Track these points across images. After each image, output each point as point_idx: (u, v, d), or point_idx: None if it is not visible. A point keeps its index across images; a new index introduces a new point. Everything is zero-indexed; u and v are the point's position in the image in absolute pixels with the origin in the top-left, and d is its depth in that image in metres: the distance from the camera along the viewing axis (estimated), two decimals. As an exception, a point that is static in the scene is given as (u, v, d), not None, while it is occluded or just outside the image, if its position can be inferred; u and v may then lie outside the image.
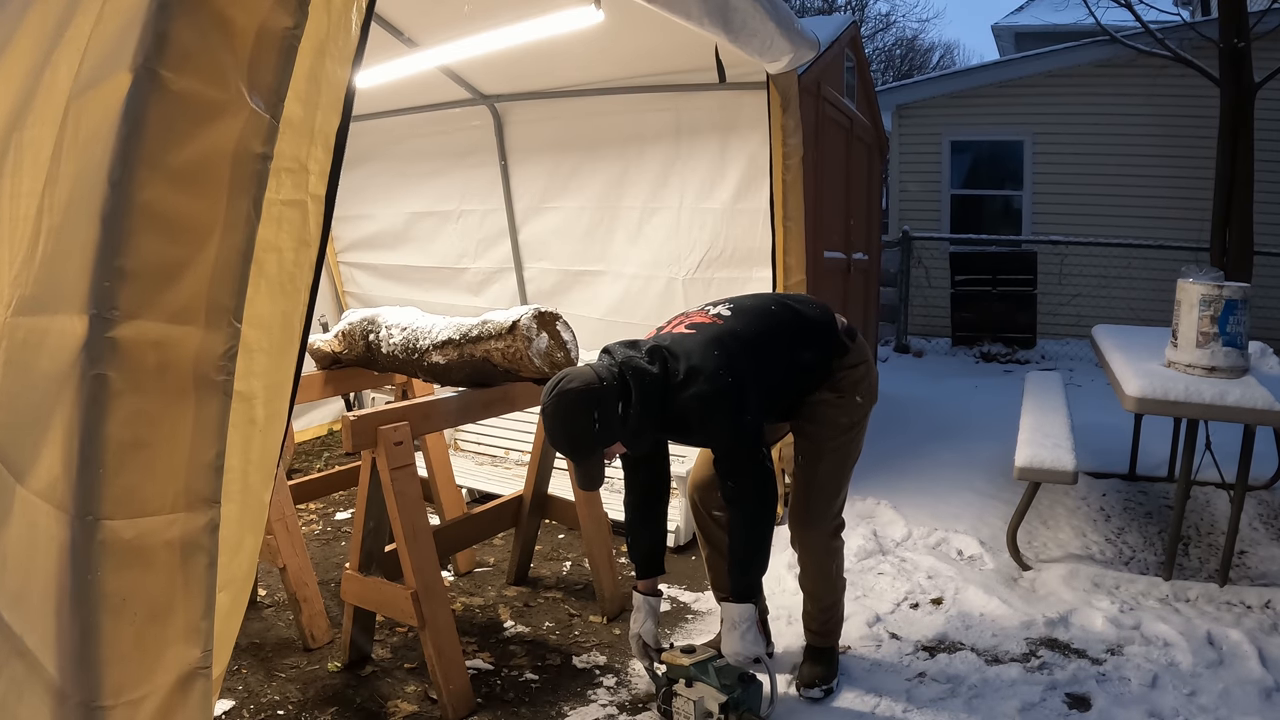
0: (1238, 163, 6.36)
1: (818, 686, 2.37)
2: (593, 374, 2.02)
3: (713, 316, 2.24)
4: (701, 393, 2.04)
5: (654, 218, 4.12)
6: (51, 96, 1.28)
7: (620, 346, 2.17)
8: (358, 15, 1.40)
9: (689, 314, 2.30)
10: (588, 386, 1.99)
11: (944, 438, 4.97)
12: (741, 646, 2.13)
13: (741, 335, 2.16)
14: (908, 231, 9.03)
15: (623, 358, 2.09)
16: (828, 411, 2.29)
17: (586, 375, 2.02)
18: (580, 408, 1.98)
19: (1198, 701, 2.32)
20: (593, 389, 1.99)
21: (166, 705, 1.17)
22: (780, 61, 3.29)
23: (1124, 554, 3.38)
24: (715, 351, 2.09)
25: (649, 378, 2.05)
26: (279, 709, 2.35)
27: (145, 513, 1.13)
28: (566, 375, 2.04)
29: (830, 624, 2.46)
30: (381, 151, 4.91)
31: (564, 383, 2.01)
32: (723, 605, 2.22)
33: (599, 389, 1.99)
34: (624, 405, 2.02)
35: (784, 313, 2.30)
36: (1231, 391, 2.86)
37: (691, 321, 2.23)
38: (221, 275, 1.18)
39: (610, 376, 2.02)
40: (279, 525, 2.65)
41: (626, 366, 2.06)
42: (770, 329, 2.23)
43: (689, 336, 2.15)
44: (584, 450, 2.03)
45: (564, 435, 2.03)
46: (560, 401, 1.99)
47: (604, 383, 2.00)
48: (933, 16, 44.49)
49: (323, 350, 3.11)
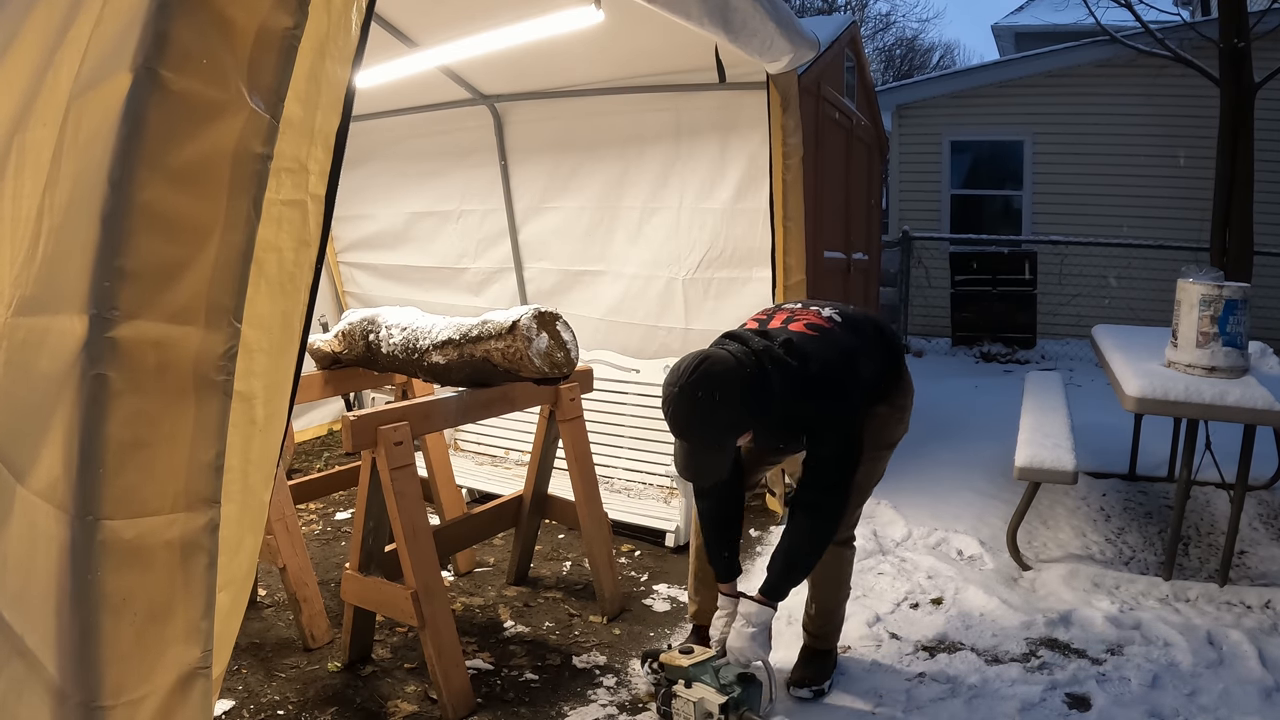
0: (1238, 163, 6.36)
1: (807, 687, 2.37)
2: (732, 358, 1.91)
3: (826, 320, 2.19)
4: (833, 406, 2.00)
5: (654, 218, 4.12)
6: (53, 97, 1.28)
7: (752, 334, 2.07)
8: (358, 15, 1.40)
9: (795, 311, 2.24)
10: (734, 370, 1.88)
11: (944, 438, 4.97)
12: (749, 646, 2.12)
13: (857, 349, 2.15)
14: (908, 231, 9.04)
15: (760, 346, 1.99)
16: (880, 424, 2.30)
17: (728, 360, 1.91)
18: (728, 392, 1.86)
19: (1198, 701, 2.32)
20: (740, 374, 1.88)
21: (166, 705, 1.17)
22: (780, 61, 3.30)
23: (1124, 554, 3.38)
24: (845, 361, 2.06)
25: (791, 371, 1.96)
26: (279, 709, 2.35)
27: (145, 513, 1.13)
28: (708, 356, 1.91)
29: (829, 628, 2.46)
30: (381, 151, 4.91)
31: (707, 364, 1.88)
32: (743, 602, 2.20)
33: (745, 374, 1.89)
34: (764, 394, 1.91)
35: (875, 331, 2.31)
36: (1231, 391, 2.86)
37: (809, 322, 2.16)
38: (221, 275, 1.18)
39: (751, 363, 1.92)
40: (279, 525, 2.65)
41: (767, 355, 1.96)
42: (870, 345, 2.23)
43: (813, 339, 2.08)
44: (721, 440, 1.92)
45: (702, 423, 1.90)
46: (705, 382, 1.86)
47: (747, 369, 1.90)
48: (933, 16, 44.53)
49: (323, 350, 3.11)
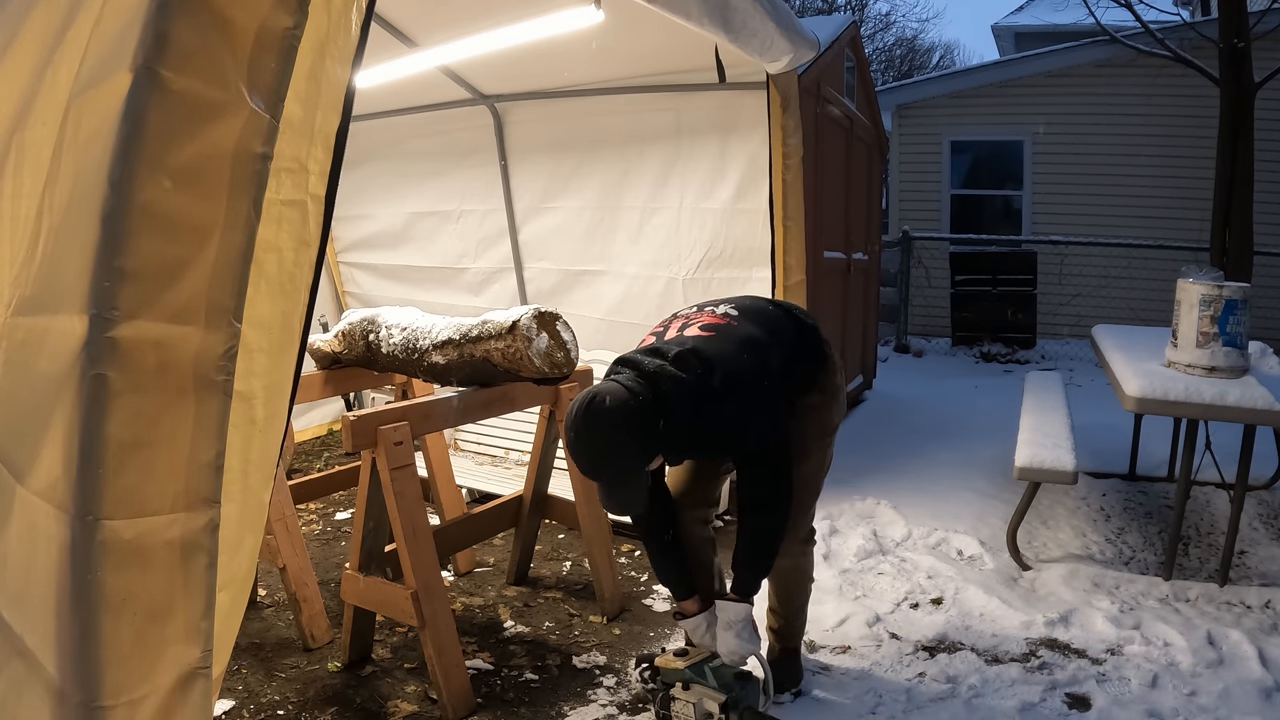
0: (1238, 163, 6.36)
1: (787, 690, 2.36)
2: (624, 390, 1.86)
3: (721, 317, 2.14)
4: (744, 400, 1.95)
5: (654, 218, 4.12)
6: (53, 96, 1.28)
7: (643, 356, 2.00)
8: (358, 15, 1.40)
9: (690, 315, 2.21)
10: (624, 404, 1.83)
11: (944, 438, 4.97)
12: (739, 645, 2.12)
13: (760, 339, 2.09)
14: (908, 231, 9.03)
15: (653, 368, 1.93)
16: (817, 414, 2.27)
17: (619, 392, 1.86)
18: (622, 428, 1.82)
19: (1198, 701, 2.32)
20: (630, 405, 1.83)
21: (166, 705, 1.17)
22: (780, 61, 3.30)
23: (1124, 554, 3.38)
24: (747, 355, 2.01)
25: (688, 386, 1.91)
26: (279, 709, 2.35)
27: (145, 513, 1.13)
28: (596, 394, 1.86)
29: (795, 627, 2.46)
30: (381, 151, 4.91)
31: (595, 403, 1.84)
32: (719, 605, 2.20)
33: (636, 404, 1.84)
34: (663, 419, 1.86)
35: (782, 317, 2.27)
36: (1231, 391, 2.86)
37: (705, 323, 2.11)
38: (221, 275, 1.18)
39: (643, 389, 1.87)
40: (279, 525, 2.65)
41: (661, 376, 1.91)
42: (775, 333, 2.18)
43: (710, 340, 2.03)
44: (629, 474, 1.89)
45: (604, 461, 1.88)
46: (597, 424, 1.83)
47: (639, 397, 1.85)
48: (933, 16, 44.50)
49: (323, 350, 3.11)
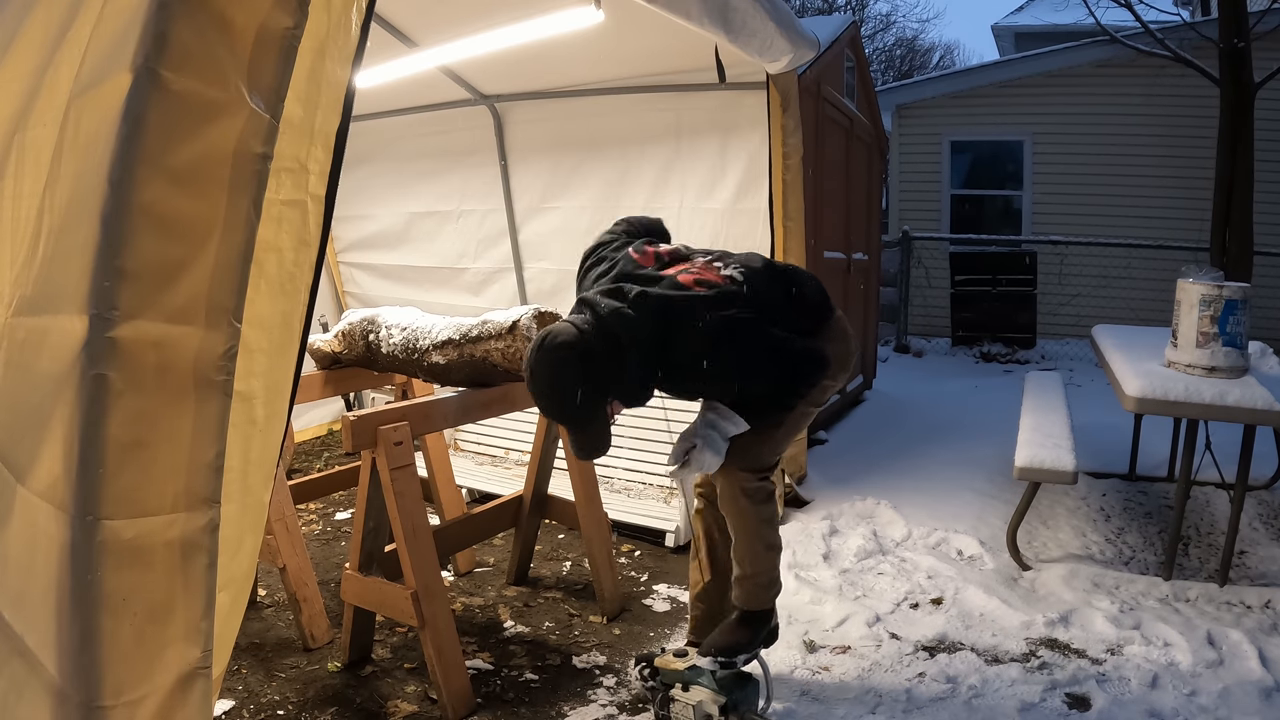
0: (1238, 163, 6.36)
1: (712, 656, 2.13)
2: (574, 330, 1.85)
3: (724, 278, 2.04)
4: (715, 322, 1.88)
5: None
6: (53, 97, 1.28)
7: (603, 297, 1.95)
8: (358, 15, 1.40)
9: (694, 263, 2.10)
10: (571, 345, 1.83)
11: (944, 438, 4.97)
12: (716, 419, 2.01)
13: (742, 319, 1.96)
14: (908, 231, 9.04)
15: (607, 310, 1.90)
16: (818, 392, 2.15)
17: (568, 333, 1.85)
18: (569, 367, 1.82)
19: (1198, 701, 2.32)
20: (577, 347, 1.83)
21: (166, 705, 1.17)
22: (780, 61, 3.30)
23: (1124, 554, 3.38)
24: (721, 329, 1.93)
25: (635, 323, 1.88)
26: (279, 709, 2.35)
27: (145, 513, 1.13)
28: (547, 334, 1.87)
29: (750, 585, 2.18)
30: (381, 151, 4.91)
31: (546, 344, 1.85)
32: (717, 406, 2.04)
33: (583, 347, 1.83)
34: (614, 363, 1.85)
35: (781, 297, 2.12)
36: (1231, 391, 2.86)
37: (700, 278, 2.02)
38: (221, 275, 1.18)
39: (592, 331, 1.85)
40: (279, 525, 2.65)
41: (613, 319, 1.88)
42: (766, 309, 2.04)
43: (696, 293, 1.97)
44: (581, 415, 1.88)
45: (556, 402, 1.88)
46: (544, 364, 1.84)
47: (587, 339, 1.84)
48: (933, 17, 44.48)
49: (323, 350, 3.11)
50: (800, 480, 4.04)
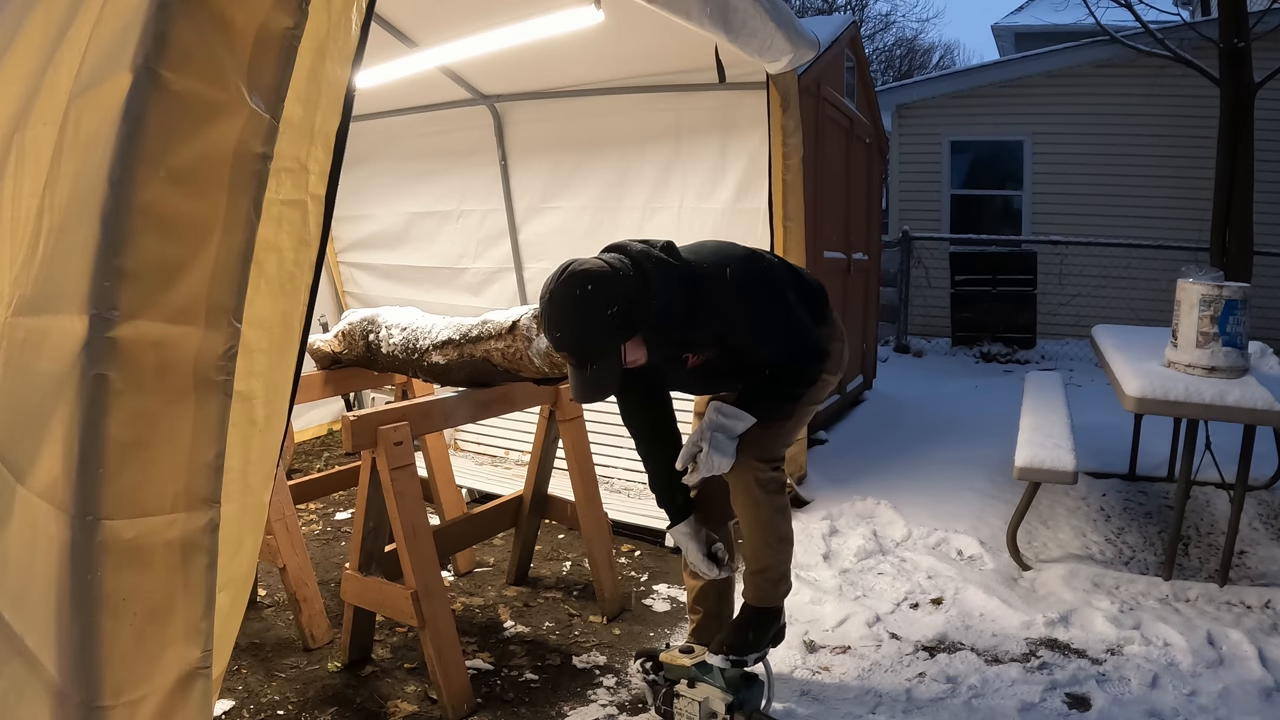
0: (1238, 163, 6.36)
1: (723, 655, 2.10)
2: (603, 262, 1.78)
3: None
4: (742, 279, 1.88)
5: (654, 218, 4.13)
6: (53, 96, 1.28)
7: (633, 241, 1.90)
8: (358, 15, 1.40)
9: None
10: (600, 270, 1.74)
11: (944, 438, 4.97)
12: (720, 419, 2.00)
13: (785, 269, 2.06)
14: (908, 231, 9.04)
15: (638, 250, 1.84)
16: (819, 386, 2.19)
17: (597, 263, 1.78)
18: (596, 292, 1.72)
19: (1198, 701, 2.32)
20: (605, 274, 1.74)
21: (166, 705, 1.17)
22: (780, 61, 3.30)
23: (1124, 554, 3.38)
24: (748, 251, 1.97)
25: (671, 268, 1.84)
26: (279, 709, 2.35)
27: (145, 513, 1.13)
28: (574, 260, 1.78)
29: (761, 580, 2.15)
30: (381, 151, 4.91)
31: (573, 266, 1.76)
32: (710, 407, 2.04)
33: (612, 274, 1.75)
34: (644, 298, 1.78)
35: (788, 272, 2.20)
36: (1231, 391, 2.86)
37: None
38: (221, 275, 1.18)
39: (625, 266, 1.78)
40: (279, 525, 2.65)
41: (646, 258, 1.82)
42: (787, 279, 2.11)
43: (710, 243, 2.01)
44: (598, 345, 1.77)
45: (575, 326, 1.75)
46: (572, 281, 1.73)
47: (619, 271, 1.76)
48: (933, 16, 44.46)
49: (323, 350, 3.11)
50: (800, 480, 4.04)
